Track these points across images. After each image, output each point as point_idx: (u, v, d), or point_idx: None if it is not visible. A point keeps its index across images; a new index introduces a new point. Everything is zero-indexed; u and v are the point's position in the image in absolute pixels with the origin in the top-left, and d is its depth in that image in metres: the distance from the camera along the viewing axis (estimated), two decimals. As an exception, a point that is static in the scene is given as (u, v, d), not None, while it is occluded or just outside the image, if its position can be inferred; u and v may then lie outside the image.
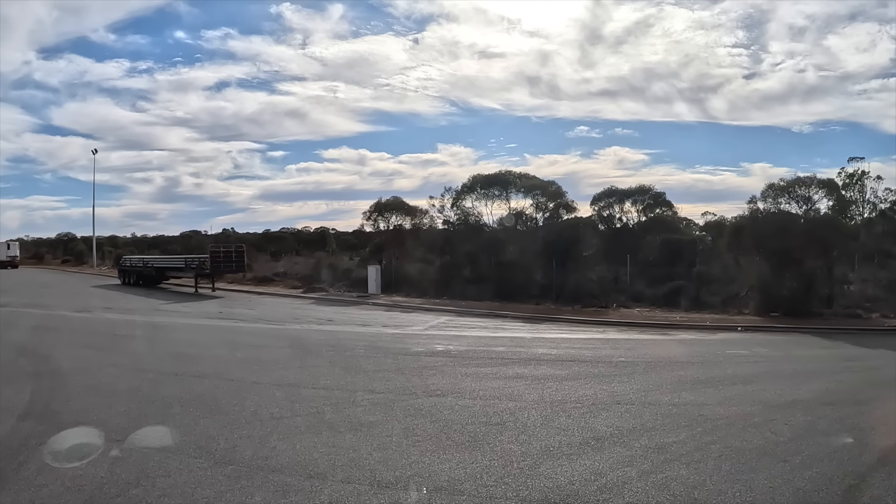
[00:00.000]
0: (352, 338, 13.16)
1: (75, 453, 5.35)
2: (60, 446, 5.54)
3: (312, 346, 11.74)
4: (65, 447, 5.53)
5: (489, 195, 29.71)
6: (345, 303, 22.63)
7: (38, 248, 67.51)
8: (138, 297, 23.87)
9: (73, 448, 5.52)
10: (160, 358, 10.21)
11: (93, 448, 5.47)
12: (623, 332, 16.12)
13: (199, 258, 27.21)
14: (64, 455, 5.32)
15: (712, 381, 9.01)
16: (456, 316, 18.83)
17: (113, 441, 5.66)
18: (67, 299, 22.51)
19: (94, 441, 5.70)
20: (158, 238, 75.38)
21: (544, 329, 16.14)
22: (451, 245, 29.17)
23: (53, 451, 5.41)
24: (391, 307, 21.08)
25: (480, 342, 12.97)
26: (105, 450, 5.43)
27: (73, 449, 5.50)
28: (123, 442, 5.65)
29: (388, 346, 11.92)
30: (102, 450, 5.43)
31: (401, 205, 32.14)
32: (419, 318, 18.01)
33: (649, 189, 30.92)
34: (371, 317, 17.89)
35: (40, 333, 13.41)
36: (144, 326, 14.68)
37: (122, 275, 33.40)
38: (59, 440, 5.71)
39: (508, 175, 30.41)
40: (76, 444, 5.61)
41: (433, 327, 15.71)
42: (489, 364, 10.23)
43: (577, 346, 12.86)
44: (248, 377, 8.62)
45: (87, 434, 5.92)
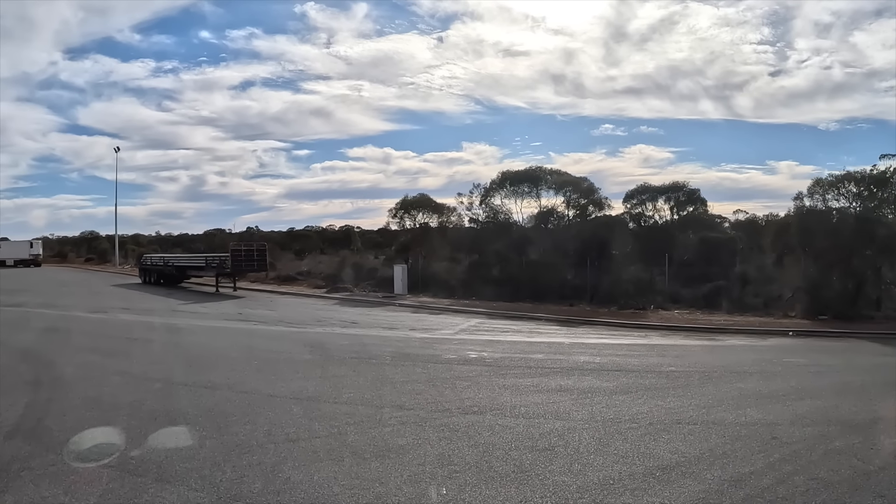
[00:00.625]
0: (378, 343, 12.40)
1: (60, 479, 4.68)
2: (46, 469, 4.88)
3: (335, 353, 11.00)
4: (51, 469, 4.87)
5: (518, 192, 28.87)
6: (370, 304, 21.95)
7: (62, 247, 68.74)
8: (157, 297, 23.55)
9: (60, 471, 4.85)
10: (171, 365, 9.58)
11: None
12: (666, 336, 15.09)
13: (219, 257, 26.84)
14: (48, 481, 4.64)
15: (777, 396, 8.06)
16: (487, 318, 17.98)
17: (105, 467, 4.97)
18: (84, 299, 22.29)
19: (85, 464, 5.03)
20: (182, 236, 76.37)
21: (582, 333, 15.18)
22: (480, 244, 28.37)
23: (36, 477, 4.74)
24: (418, 308, 20.31)
25: (516, 349, 12.08)
26: (94, 477, 4.73)
27: (59, 471, 4.83)
28: (116, 469, 4.95)
29: (417, 353, 11.12)
30: (92, 477, 4.74)
31: (427, 202, 31.45)
32: (448, 320, 17.20)
33: (683, 186, 29.89)
34: (398, 319, 17.14)
35: (49, 336, 12.97)
36: (159, 329, 14.17)
37: (143, 274, 33.34)
38: (44, 463, 5.05)
39: (539, 171, 29.47)
40: (64, 467, 4.95)
41: (464, 331, 14.88)
42: (528, 374, 9.35)
43: (620, 354, 11.89)
44: (263, 388, 7.89)
45: (79, 455, 5.25)
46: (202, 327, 14.71)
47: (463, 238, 29.88)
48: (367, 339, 13.02)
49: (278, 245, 47.50)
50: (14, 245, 57.32)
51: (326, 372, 9.15)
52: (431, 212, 31.52)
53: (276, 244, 47.53)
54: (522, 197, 28.92)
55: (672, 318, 18.61)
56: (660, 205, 30.09)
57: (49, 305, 19.81)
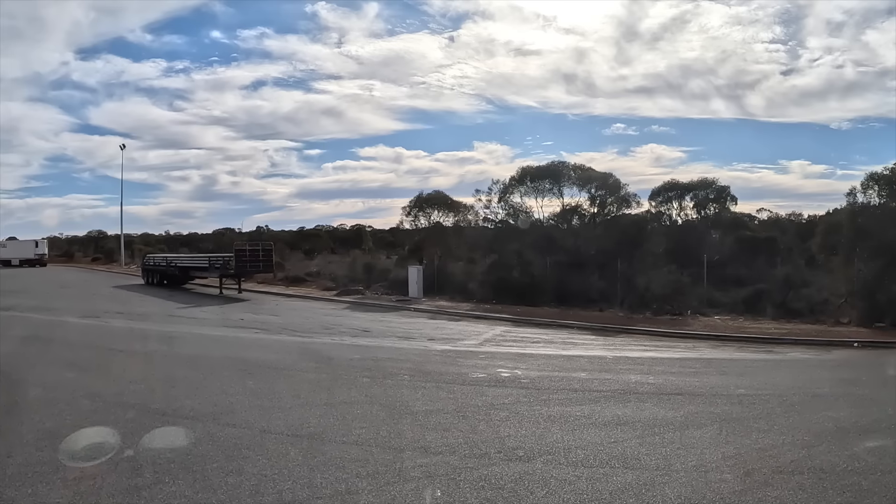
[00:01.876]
0: (393, 357, 11.09)
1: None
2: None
3: (345, 370, 9.69)
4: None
5: (539, 189, 27.49)
6: (383, 308, 20.67)
7: (69, 246, 68.46)
8: (156, 300, 22.49)
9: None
10: (152, 385, 8.32)
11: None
12: (718, 348, 13.70)
13: (223, 257, 25.72)
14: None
15: (883, 428, 6.68)
16: (512, 326, 16.62)
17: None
18: (80, 302, 21.28)
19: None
20: (191, 236, 76.06)
21: (622, 345, 13.79)
22: (499, 244, 27.06)
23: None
24: (436, 314, 19.00)
25: (553, 364, 10.71)
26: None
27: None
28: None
29: (440, 371, 9.79)
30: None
31: (443, 200, 30.17)
32: (470, 328, 15.88)
33: (712, 183, 28.77)
34: (414, 326, 15.83)
35: (28, 346, 11.83)
36: (150, 338, 12.98)
37: (146, 274, 32.43)
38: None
39: (561, 167, 28.07)
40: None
41: (489, 342, 13.54)
42: (575, 400, 7.97)
43: (674, 371, 10.49)
44: (256, 420, 6.58)
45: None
46: (197, 336, 13.49)
47: (481, 238, 28.66)
48: (381, 351, 11.71)
49: (287, 245, 46.63)
50: (20, 244, 57.01)
51: (333, 396, 7.84)
52: (447, 210, 30.23)
53: (286, 244, 46.69)
54: (543, 194, 27.60)
55: (717, 326, 17.16)
56: (685, 202, 29.19)
57: (40, 309, 18.79)
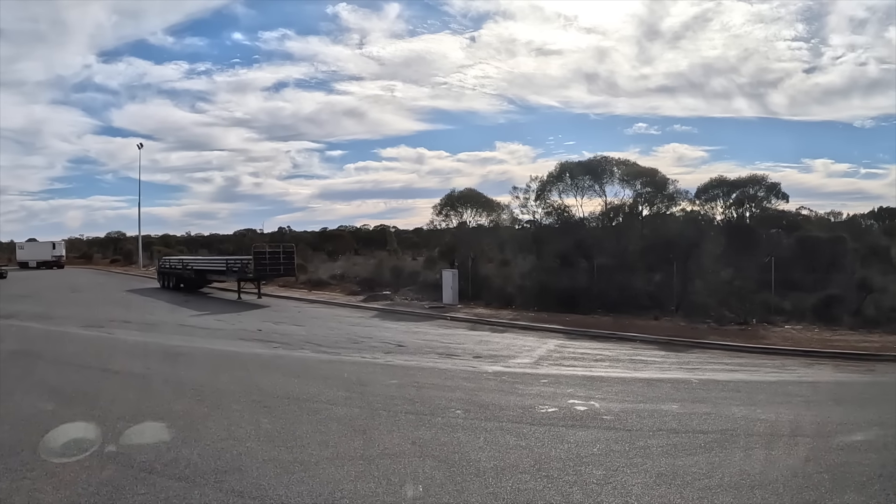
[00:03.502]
0: (438, 382, 9.35)
1: None
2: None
3: (382, 402, 7.98)
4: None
5: (579, 186, 25.63)
6: (415, 316, 18.97)
7: (89, 248, 68.40)
8: (169, 306, 21.16)
9: None
10: (144, 423, 6.68)
11: None
12: (811, 366, 11.77)
13: (241, 260, 24.29)
14: None
15: None
16: (565, 338, 14.80)
17: None
18: (87, 308, 20.05)
19: None
20: (212, 237, 75.81)
21: (699, 362, 11.91)
22: (539, 245, 25.24)
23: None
24: (476, 324, 17.23)
25: (633, 392, 8.87)
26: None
27: None
28: None
29: (499, 403, 8.00)
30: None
31: (477, 198, 28.35)
32: (519, 341, 14.10)
33: (762, 179, 26.69)
34: (454, 340, 14.10)
35: (13, 365, 10.37)
36: (154, 355, 11.45)
37: (161, 278, 31.34)
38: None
39: (604, 162, 26.12)
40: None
41: (546, 359, 11.75)
42: (681, 446, 6.10)
43: (779, 400, 8.61)
44: (270, 485, 4.84)
45: None
46: (207, 353, 11.91)
47: (519, 238, 26.88)
48: (422, 374, 9.98)
49: (310, 246, 45.45)
50: (37, 246, 56.86)
51: (371, 444, 6.11)
52: (479, 209, 28.44)
53: (308, 245, 45.53)
54: (583, 192, 25.76)
55: (797, 339, 15.12)
56: (732, 200, 27.28)
57: (42, 317, 17.54)
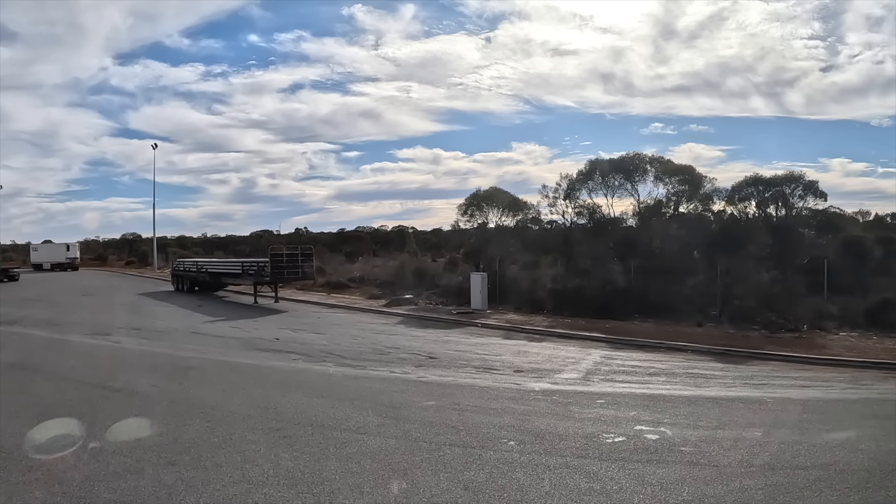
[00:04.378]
0: (481, 404, 8.17)
1: None
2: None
3: (420, 429, 6.83)
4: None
5: (609, 185, 24.39)
6: (443, 323, 17.79)
7: (105, 249, 68.31)
8: (182, 312, 20.26)
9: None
10: (142, 458, 5.64)
11: None
12: (889, 380, 10.59)
13: (257, 263, 23.32)
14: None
15: None
16: (609, 348, 13.57)
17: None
18: (97, 313, 19.23)
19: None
20: (228, 238, 75.42)
21: (763, 376, 10.71)
22: (570, 246, 24.00)
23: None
24: (509, 332, 16.04)
25: (705, 415, 7.60)
26: None
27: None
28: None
29: (557, 430, 6.79)
30: None
31: (502, 197, 27.10)
32: (560, 352, 12.90)
33: (799, 177, 25.15)
34: (489, 350, 12.93)
35: (3, 381, 9.41)
36: (162, 368, 10.44)
37: (176, 281, 30.56)
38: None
39: (637, 159, 24.83)
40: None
41: (594, 374, 10.54)
42: (787, 490, 4.83)
43: (870, 423, 7.36)
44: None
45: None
46: (220, 367, 10.86)
47: (548, 239, 25.64)
48: (462, 393, 8.82)
49: (327, 247, 44.52)
50: (51, 248, 56.59)
51: (415, 490, 4.93)
52: (506, 209, 27.24)
53: (326, 246, 44.63)
54: (614, 191, 24.51)
55: (861, 349, 13.76)
56: (768, 198, 25.83)
57: (48, 324, 16.70)
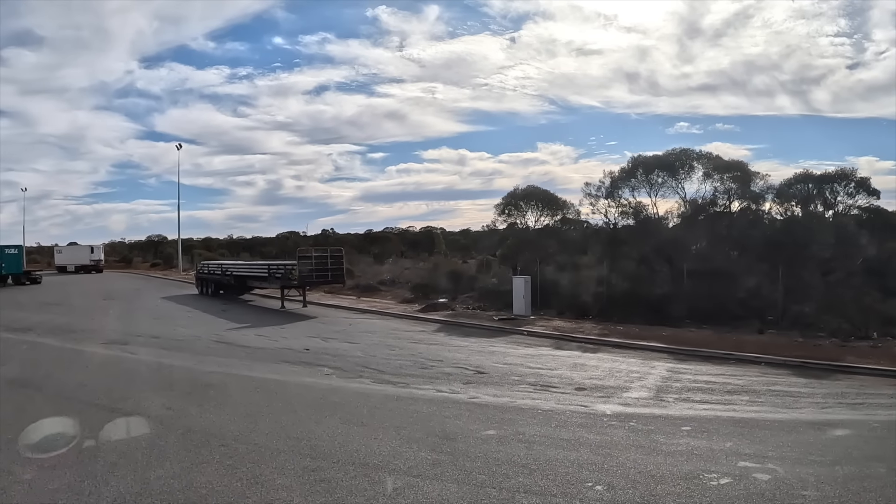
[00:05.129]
0: (549, 433, 6.79)
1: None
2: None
3: (482, 468, 5.49)
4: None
5: (652, 183, 22.82)
6: (486, 331, 16.45)
7: (130, 251, 68.46)
8: (205, 317, 19.28)
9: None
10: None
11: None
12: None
13: (284, 266, 22.25)
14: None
15: None
16: (673, 359, 12.09)
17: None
18: (116, 319, 18.37)
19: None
20: (254, 240, 75.30)
21: (855, 394, 9.27)
22: (614, 247, 22.51)
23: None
24: (559, 340, 14.63)
25: (813, 446, 6.12)
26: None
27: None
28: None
29: (647, 468, 5.37)
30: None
31: (541, 195, 25.57)
32: (620, 364, 11.46)
33: (851, 173, 23.25)
34: (542, 362, 11.55)
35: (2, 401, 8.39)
36: (178, 385, 9.31)
37: (200, 284, 29.76)
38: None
39: (684, 155, 23.17)
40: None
41: (667, 392, 9.10)
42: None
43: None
44: None
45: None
46: (245, 384, 9.66)
47: (591, 240, 24.17)
48: (523, 419, 7.46)
49: (355, 248, 43.63)
50: (75, 250, 56.59)
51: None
52: (545, 208, 25.72)
53: (353, 247, 43.73)
54: (657, 189, 22.95)
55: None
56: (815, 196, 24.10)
57: (63, 331, 15.83)
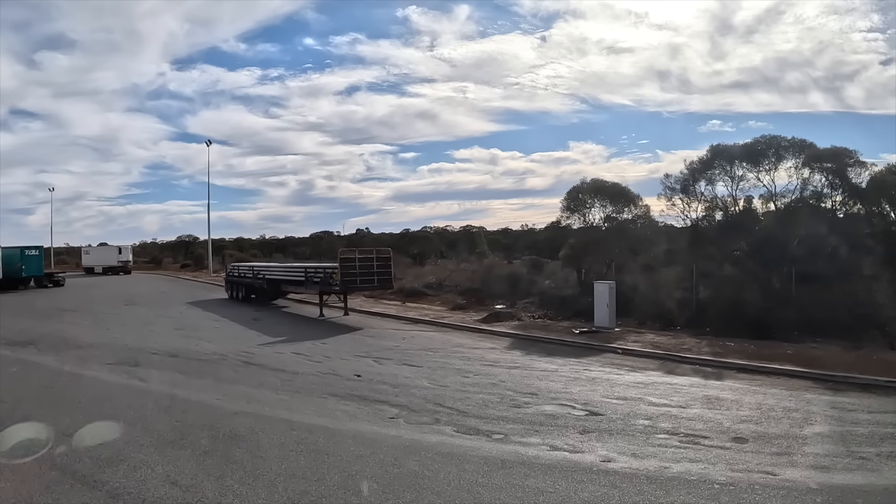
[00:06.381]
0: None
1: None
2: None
3: None
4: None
5: (732, 176, 19.79)
6: (569, 348, 13.60)
7: (160, 252, 67.65)
8: (234, 328, 17.04)
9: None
10: None
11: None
12: None
13: (325, 269, 19.75)
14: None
15: None
16: (823, 389, 9.27)
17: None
18: (132, 330, 16.25)
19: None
20: (287, 240, 74.20)
21: None
22: (700, 248, 19.54)
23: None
24: (665, 361, 11.73)
25: None
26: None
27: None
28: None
29: None
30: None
31: (612, 189, 22.54)
32: (766, 399, 8.60)
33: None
34: (661, 394, 8.81)
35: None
36: (191, 436, 6.88)
37: (230, 287, 27.74)
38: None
39: (773, 143, 20.01)
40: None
41: (855, 441, 6.36)
42: None
43: None
44: None
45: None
46: (281, 431, 7.11)
47: (670, 240, 21.31)
48: (699, 500, 4.88)
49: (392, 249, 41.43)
50: (103, 251, 55.89)
51: None
52: (608, 202, 22.70)
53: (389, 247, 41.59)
54: (737, 182, 19.94)
55: None
56: None
57: (68, 346, 13.72)
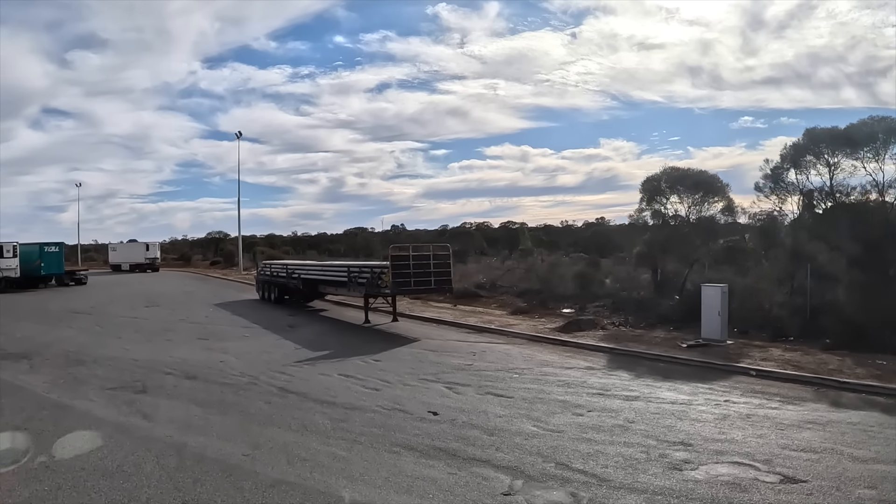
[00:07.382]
0: None
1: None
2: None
3: None
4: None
5: (830, 163, 17.03)
6: (682, 367, 10.85)
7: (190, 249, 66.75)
8: (265, 338, 14.77)
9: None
10: None
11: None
12: None
13: (372, 268, 16.99)
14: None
15: None
16: None
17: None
18: (146, 340, 14.15)
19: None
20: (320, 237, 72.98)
21: None
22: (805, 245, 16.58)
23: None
24: (821, 388, 8.91)
25: None
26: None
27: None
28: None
29: None
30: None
31: (696, 178, 19.43)
32: None
33: None
34: (856, 443, 6.14)
35: None
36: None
37: (261, 287, 25.70)
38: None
39: (881, 124, 17.16)
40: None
41: None
42: None
43: None
44: None
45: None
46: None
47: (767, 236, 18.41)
48: None
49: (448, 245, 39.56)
50: (130, 248, 55.11)
51: None
52: (696, 194, 19.64)
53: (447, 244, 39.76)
54: (834, 169, 17.17)
55: None
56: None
57: (68, 361, 11.56)
